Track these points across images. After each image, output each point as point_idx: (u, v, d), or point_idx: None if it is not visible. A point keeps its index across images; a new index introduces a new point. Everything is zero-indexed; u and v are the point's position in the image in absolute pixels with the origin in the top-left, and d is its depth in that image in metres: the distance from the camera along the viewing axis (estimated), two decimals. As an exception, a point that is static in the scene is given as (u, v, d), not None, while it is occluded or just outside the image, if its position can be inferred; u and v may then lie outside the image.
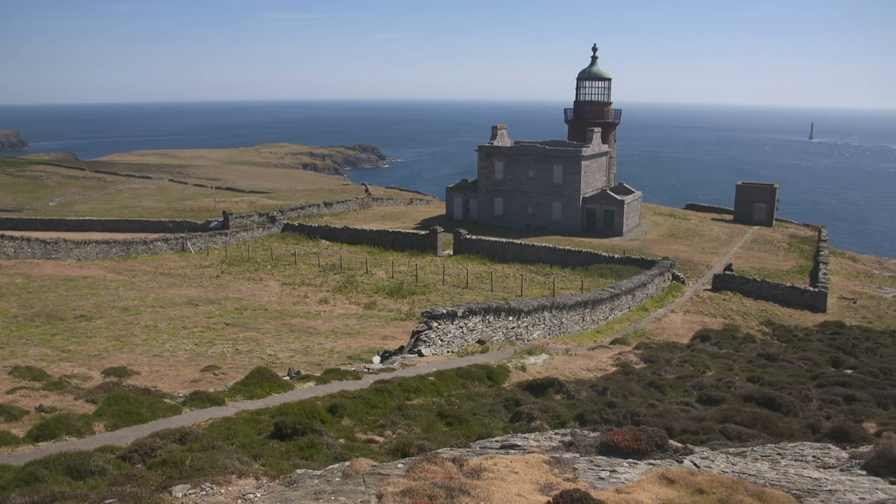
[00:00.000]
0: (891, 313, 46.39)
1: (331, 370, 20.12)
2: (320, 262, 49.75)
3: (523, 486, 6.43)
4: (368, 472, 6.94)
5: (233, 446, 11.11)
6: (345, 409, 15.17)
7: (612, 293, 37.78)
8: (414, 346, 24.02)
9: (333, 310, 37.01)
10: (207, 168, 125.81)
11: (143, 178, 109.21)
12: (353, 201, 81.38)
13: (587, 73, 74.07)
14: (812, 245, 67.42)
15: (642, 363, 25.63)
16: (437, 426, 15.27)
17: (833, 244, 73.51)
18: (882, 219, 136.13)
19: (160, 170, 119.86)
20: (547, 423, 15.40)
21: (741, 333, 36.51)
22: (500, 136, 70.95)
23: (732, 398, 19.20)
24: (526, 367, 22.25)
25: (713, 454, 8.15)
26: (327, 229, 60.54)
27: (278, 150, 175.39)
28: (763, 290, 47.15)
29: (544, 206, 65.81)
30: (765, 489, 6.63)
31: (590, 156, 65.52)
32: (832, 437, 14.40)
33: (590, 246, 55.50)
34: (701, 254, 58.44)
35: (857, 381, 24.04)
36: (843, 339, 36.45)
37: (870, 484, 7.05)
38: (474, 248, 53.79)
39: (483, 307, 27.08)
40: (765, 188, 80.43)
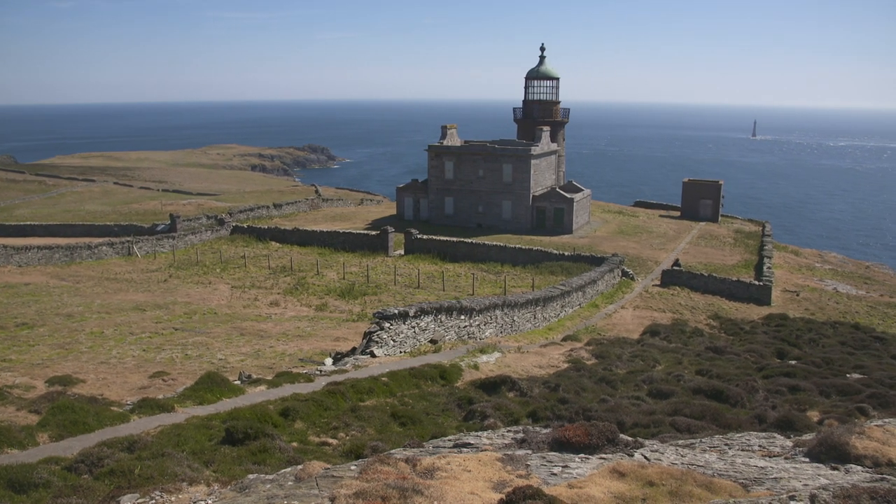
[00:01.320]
0: (832, 305, 47.70)
1: (282, 373, 19.94)
2: (270, 264, 49.26)
3: (476, 485, 6.45)
4: (321, 474, 6.90)
5: (183, 453, 10.95)
6: (297, 413, 15.05)
7: (563, 290, 38.13)
8: (366, 347, 23.93)
9: (284, 312, 36.68)
10: (154, 170, 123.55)
11: (86, 181, 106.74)
12: (303, 202, 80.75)
13: (535, 72, 74.60)
14: (756, 240, 68.97)
15: (594, 359, 25.92)
16: (391, 427, 15.25)
17: (776, 239, 75.31)
18: (822, 213, 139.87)
19: (105, 172, 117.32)
20: (500, 420, 15.47)
21: (689, 327, 37.15)
22: (450, 136, 71.07)
23: (682, 391, 19.54)
24: (479, 365, 22.34)
25: (663, 447, 8.29)
26: (277, 231, 59.97)
27: (226, 152, 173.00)
28: (710, 284, 48.08)
29: (494, 204, 66.12)
30: (713, 479, 6.76)
31: (539, 154, 66.02)
32: (778, 427, 14.75)
33: (540, 244, 55.92)
34: (649, 250, 59.34)
35: (801, 371, 24.67)
36: (787, 331, 37.35)
37: (812, 470, 7.24)
38: (425, 248, 53.81)
39: (435, 307, 27.10)
40: (710, 185, 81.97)
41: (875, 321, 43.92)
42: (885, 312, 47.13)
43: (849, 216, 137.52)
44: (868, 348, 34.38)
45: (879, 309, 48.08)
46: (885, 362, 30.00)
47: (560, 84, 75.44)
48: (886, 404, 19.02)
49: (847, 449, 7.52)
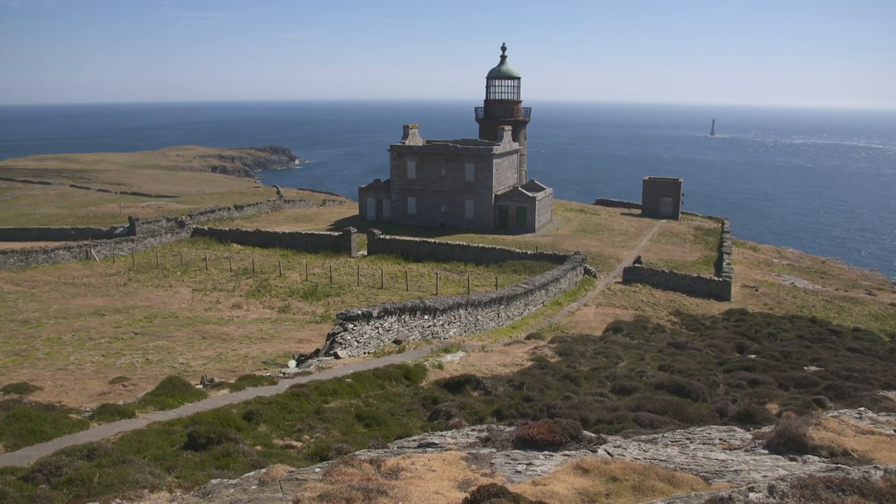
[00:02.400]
0: (789, 299, 48.58)
1: (245, 376, 19.77)
2: (232, 266, 48.77)
3: (441, 484, 6.46)
4: (285, 478, 6.85)
5: (145, 459, 10.81)
6: (261, 416, 14.93)
7: (526, 289, 38.30)
8: (330, 348, 23.82)
9: (247, 315, 36.36)
10: (112, 172, 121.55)
11: (41, 183, 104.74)
12: (265, 204, 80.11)
13: (497, 72, 74.85)
14: (716, 236, 69.98)
15: (557, 356, 26.08)
16: (356, 428, 15.19)
17: (735, 235, 76.47)
18: (779, 209, 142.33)
19: (60, 175, 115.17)
20: (465, 419, 15.50)
21: (651, 324, 37.55)
22: (412, 136, 71.03)
23: (644, 387, 19.75)
24: (443, 365, 22.35)
25: (626, 442, 8.37)
26: (239, 233, 59.39)
27: (186, 153, 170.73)
28: (671, 281, 48.66)
29: (457, 204, 66.22)
30: (675, 473, 6.84)
31: (501, 154, 66.26)
32: (738, 420, 14.98)
33: (503, 243, 56.12)
34: (611, 248, 59.88)
35: (760, 365, 25.09)
36: (746, 326, 37.95)
37: (771, 462, 7.36)
38: (388, 248, 53.70)
39: (398, 307, 27.06)
40: (670, 183, 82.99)
41: (831, 315, 44.83)
42: (841, 306, 48.14)
43: (805, 212, 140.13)
44: (824, 341, 35.08)
45: (835, 303, 49.10)
46: (840, 355, 30.64)
47: (521, 83, 75.82)
48: (842, 396, 19.43)
49: (804, 440, 7.67)
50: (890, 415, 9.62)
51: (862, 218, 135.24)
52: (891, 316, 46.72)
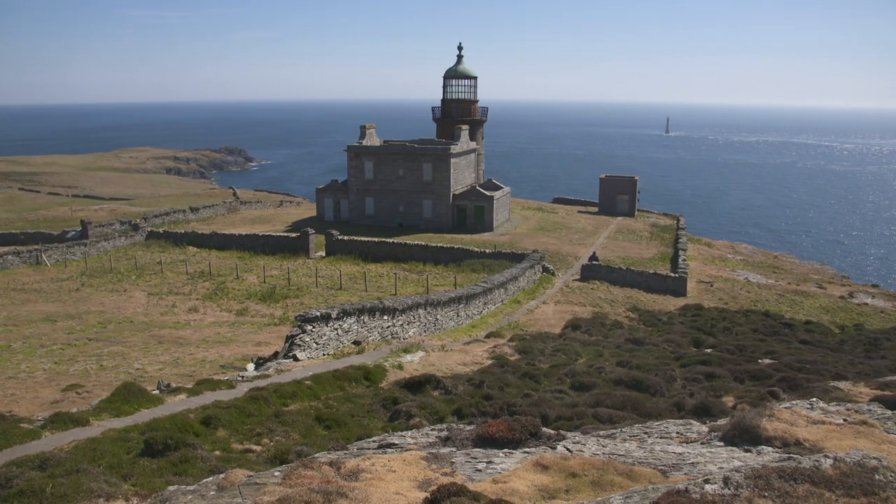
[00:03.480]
0: (744, 294, 49.45)
1: (203, 381, 19.51)
2: (188, 269, 48.11)
3: (402, 484, 6.45)
4: (244, 482, 6.79)
5: (100, 468, 10.62)
6: (219, 420, 14.76)
7: (485, 288, 38.43)
8: (289, 350, 23.64)
9: (204, 318, 35.91)
10: (62, 175, 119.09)
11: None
12: (221, 206, 79.19)
13: (453, 71, 74.95)
14: (671, 233, 70.93)
15: (517, 354, 26.20)
16: (316, 430, 15.10)
17: (690, 231, 77.63)
18: (733, 205, 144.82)
19: (8, 178, 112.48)
20: (425, 419, 15.50)
21: (609, 320, 37.94)
22: (369, 136, 70.79)
23: (603, 383, 19.94)
24: (403, 365, 22.32)
25: (585, 438, 8.45)
26: (194, 235, 58.61)
27: (139, 155, 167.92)
28: (628, 277, 49.21)
29: (415, 204, 66.18)
30: (633, 467, 6.92)
31: (458, 153, 66.37)
32: (695, 413, 15.20)
33: (461, 242, 56.23)
34: (569, 245, 60.36)
35: (716, 358, 25.49)
36: (702, 321, 38.55)
37: (727, 454, 7.49)
38: (347, 249, 53.45)
39: (357, 308, 26.96)
40: (627, 180, 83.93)
41: (784, 308, 45.75)
42: (793, 299, 49.15)
43: (757, 208, 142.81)
44: (778, 334, 35.80)
45: (787, 296, 50.12)
46: (793, 347, 31.29)
47: (478, 83, 76.04)
48: (795, 387, 19.83)
49: (758, 431, 7.81)
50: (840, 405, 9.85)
51: (812, 213, 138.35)
52: (840, 308, 47.85)
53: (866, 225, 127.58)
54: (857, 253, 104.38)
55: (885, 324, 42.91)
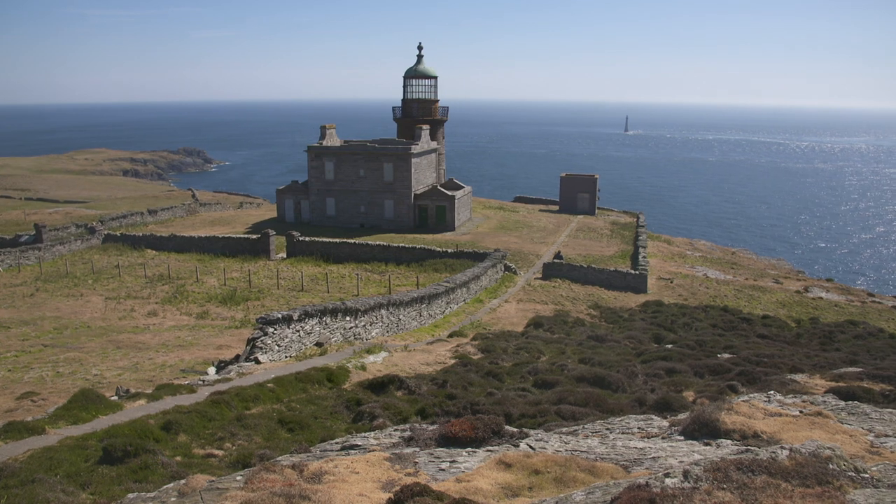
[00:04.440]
0: (703, 290, 50.15)
1: (163, 385, 19.24)
2: (146, 272, 47.41)
3: (365, 486, 6.44)
4: (206, 488, 6.72)
5: (57, 477, 10.43)
6: (180, 425, 14.57)
7: (448, 287, 38.47)
8: (250, 353, 23.43)
9: (163, 322, 35.42)
10: (15, 178, 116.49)
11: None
12: (180, 208, 78.18)
13: (414, 71, 74.91)
14: (631, 231, 71.67)
15: (480, 353, 26.27)
16: (279, 433, 14.99)
17: (650, 229, 78.53)
18: (691, 203, 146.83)
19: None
20: (389, 420, 15.47)
21: (571, 318, 38.20)
22: (330, 136, 70.46)
23: (566, 380, 20.07)
24: (366, 366, 22.25)
25: (547, 435, 8.50)
26: (153, 238, 57.77)
27: (95, 157, 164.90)
28: (589, 275, 49.61)
29: (376, 204, 66.02)
30: (595, 463, 6.98)
31: (419, 153, 66.36)
32: (656, 409, 15.38)
33: (423, 242, 56.22)
34: (530, 244, 60.67)
35: (676, 354, 25.83)
36: (663, 317, 39.02)
37: (687, 448, 7.59)
38: (308, 250, 53.11)
39: (319, 309, 26.81)
40: (587, 179, 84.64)
41: (742, 303, 46.50)
42: (751, 295, 49.97)
43: (715, 205, 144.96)
44: (736, 329, 36.39)
45: (745, 291, 50.94)
46: (751, 341, 31.83)
47: (439, 82, 76.11)
48: (754, 380, 20.18)
49: (717, 425, 7.93)
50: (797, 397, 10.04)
51: (767, 210, 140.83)
52: (796, 303, 48.77)
53: (819, 221, 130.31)
54: (812, 248, 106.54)
55: (839, 317, 43.85)
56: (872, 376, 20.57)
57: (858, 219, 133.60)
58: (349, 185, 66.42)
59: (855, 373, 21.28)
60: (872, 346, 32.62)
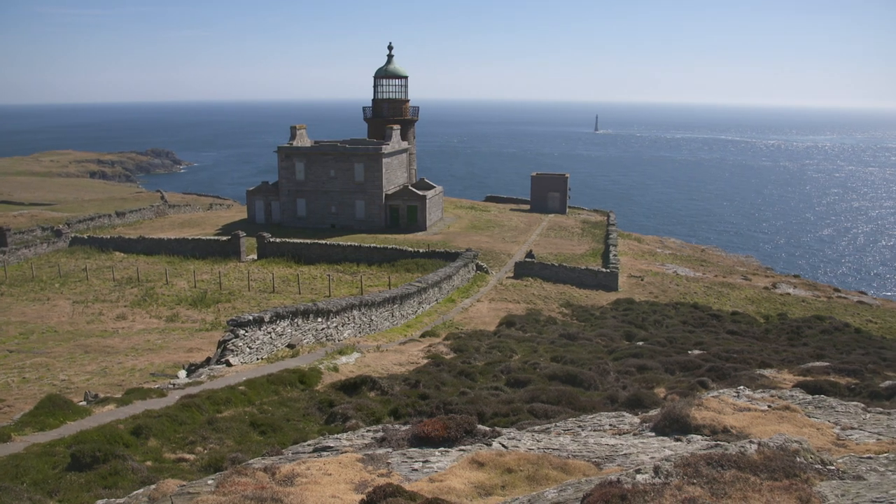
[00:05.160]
0: (673, 287, 50.62)
1: (133, 390, 19.02)
2: (115, 275, 46.83)
3: (338, 487, 6.41)
4: (177, 492, 6.66)
5: (24, 485, 10.27)
6: (150, 430, 14.42)
7: (420, 287, 38.45)
8: (221, 356, 23.24)
9: (133, 326, 35.01)
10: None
11: None
12: (149, 209, 77.34)
13: (384, 71, 74.77)
14: (602, 229, 72.13)
15: (452, 353, 26.29)
16: (251, 436, 14.89)
17: (620, 227, 79.09)
18: (661, 201, 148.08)
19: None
20: (362, 421, 15.43)
21: (543, 316, 38.35)
22: (300, 136, 70.08)
23: (538, 378, 20.16)
24: (338, 367, 22.18)
25: (520, 434, 8.53)
26: (121, 241, 57.07)
27: (61, 158, 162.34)
28: (561, 274, 49.85)
29: (348, 204, 65.81)
30: (568, 461, 7.02)
31: (390, 153, 66.25)
32: (628, 405, 15.50)
33: (395, 242, 56.14)
34: (502, 243, 60.83)
35: (647, 351, 26.06)
36: (634, 315, 39.31)
37: (658, 443, 7.66)
38: (279, 251, 52.79)
39: (291, 310, 26.67)
40: (557, 178, 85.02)
41: (711, 300, 47.00)
42: (720, 291, 50.54)
43: (684, 203, 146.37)
44: (706, 325, 36.78)
45: (714, 288, 51.50)
46: (721, 337, 32.20)
47: (409, 82, 76.05)
48: (723, 376, 20.42)
49: (688, 421, 8.01)
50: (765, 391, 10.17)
51: (736, 207, 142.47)
52: (765, 299, 49.41)
53: (785, 218, 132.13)
54: (779, 244, 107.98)
55: (807, 312, 44.48)
56: (839, 370, 20.91)
57: (823, 215, 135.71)
58: (320, 186, 66.13)
59: (822, 367, 21.63)
60: (838, 340, 33.15)
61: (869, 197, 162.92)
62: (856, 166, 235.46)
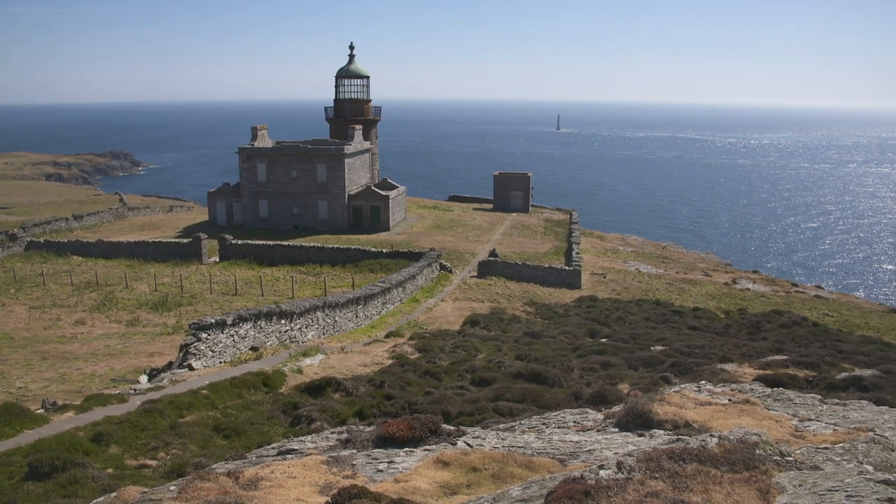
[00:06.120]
0: (635, 284, 51.13)
1: (92, 396, 18.72)
2: (73, 280, 46.01)
3: (302, 490, 6.37)
4: (138, 500, 6.56)
5: (-22, 496, 10.05)
6: (111, 436, 14.20)
7: (383, 287, 38.37)
8: (183, 360, 22.97)
9: (92, 331, 34.43)
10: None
11: None
12: (107, 212, 76.15)
13: (346, 71, 74.49)
14: (565, 227, 72.60)
15: (417, 353, 26.28)
16: (214, 441, 14.74)
17: (583, 225, 79.68)
18: (622, 199, 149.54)
19: None
20: (327, 423, 15.36)
21: (507, 315, 38.49)
22: (261, 137, 69.51)
23: (503, 377, 20.23)
24: (302, 369, 22.04)
25: (485, 432, 8.54)
26: (79, 244, 56.09)
27: (15, 160, 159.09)
28: (524, 272, 50.07)
29: (310, 205, 65.42)
30: (532, 458, 7.05)
31: (352, 153, 66.00)
32: (592, 402, 15.62)
33: (358, 242, 55.96)
34: (465, 243, 60.93)
35: (611, 348, 26.28)
36: (597, 312, 39.63)
37: (622, 439, 7.73)
38: (241, 253, 52.29)
39: (254, 313, 26.46)
40: (520, 177, 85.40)
41: (673, 296, 47.57)
42: (682, 288, 51.18)
43: (646, 200, 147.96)
44: (668, 322, 37.22)
45: (676, 285, 52.15)
46: (683, 333, 32.60)
47: (371, 82, 75.84)
48: (686, 371, 20.68)
49: (650, 416, 8.09)
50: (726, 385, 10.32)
51: (696, 204, 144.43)
52: (725, 294, 50.15)
53: (744, 214, 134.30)
54: (738, 240, 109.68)
55: (766, 307, 45.26)
56: (797, 363, 21.31)
57: (779, 212, 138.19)
58: (282, 187, 65.66)
59: (781, 360, 22.03)
60: (797, 334, 33.79)
61: (821, 193, 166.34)
62: (810, 164, 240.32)
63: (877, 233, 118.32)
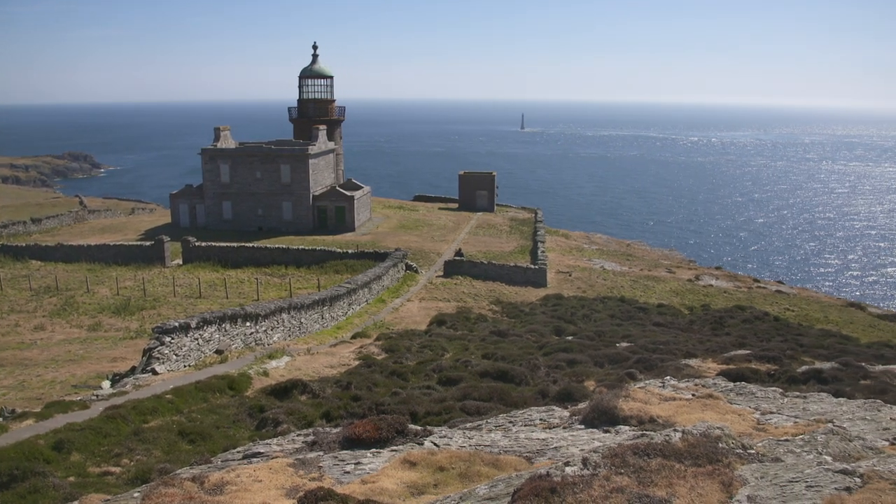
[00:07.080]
0: (600, 282, 51.54)
1: (53, 403, 18.40)
2: (32, 285, 45.15)
3: (268, 493, 6.33)
4: (100, 507, 6.46)
5: (-65, 506, 9.83)
6: (73, 444, 13.97)
7: (349, 288, 38.23)
8: (147, 364, 22.68)
9: (52, 336, 33.82)
10: None
11: None
12: (67, 215, 74.84)
13: (309, 71, 74.06)
14: (530, 226, 72.93)
15: (384, 353, 26.23)
16: (179, 446, 14.57)
17: (548, 224, 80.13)
18: (587, 197, 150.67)
19: None
20: (294, 425, 15.26)
21: (474, 314, 38.56)
22: (224, 138, 68.83)
23: (470, 376, 20.26)
24: (268, 371, 21.88)
25: (451, 432, 8.55)
26: (38, 248, 55.05)
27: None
28: (490, 271, 50.21)
29: (274, 206, 64.95)
30: (499, 457, 7.07)
31: (317, 153, 65.64)
32: (559, 400, 15.71)
33: (323, 243, 55.67)
34: (431, 242, 60.93)
35: (577, 345, 26.45)
36: (563, 310, 39.87)
37: (588, 436, 7.78)
38: (205, 256, 51.74)
39: (218, 315, 26.20)
40: (485, 176, 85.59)
41: (638, 293, 48.03)
42: (646, 285, 51.70)
43: (610, 199, 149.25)
44: (633, 318, 37.57)
45: (640, 282, 52.66)
46: (648, 329, 32.93)
47: (335, 82, 75.51)
48: (651, 367, 20.88)
49: (616, 412, 8.16)
50: (690, 381, 10.44)
51: (658, 202, 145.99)
52: (689, 291, 50.76)
53: (706, 211, 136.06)
54: (701, 237, 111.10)
55: (728, 303, 45.90)
56: (759, 357, 21.64)
57: (739, 208, 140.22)
58: (246, 188, 65.08)
59: (743, 355, 22.34)
60: (759, 329, 34.34)
61: (779, 190, 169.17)
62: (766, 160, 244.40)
63: (829, 228, 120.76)
